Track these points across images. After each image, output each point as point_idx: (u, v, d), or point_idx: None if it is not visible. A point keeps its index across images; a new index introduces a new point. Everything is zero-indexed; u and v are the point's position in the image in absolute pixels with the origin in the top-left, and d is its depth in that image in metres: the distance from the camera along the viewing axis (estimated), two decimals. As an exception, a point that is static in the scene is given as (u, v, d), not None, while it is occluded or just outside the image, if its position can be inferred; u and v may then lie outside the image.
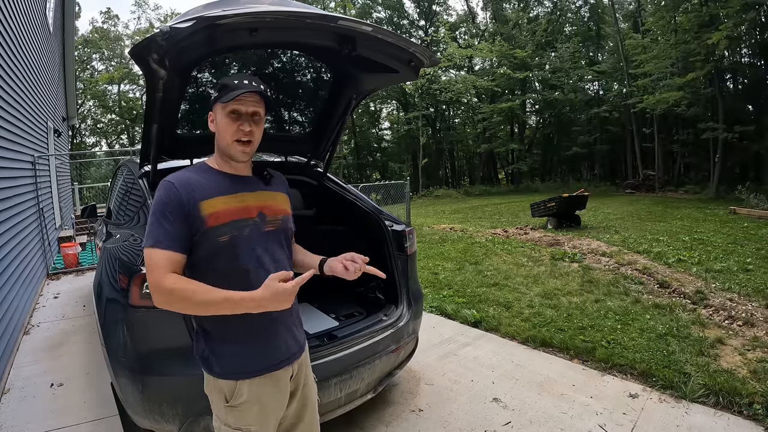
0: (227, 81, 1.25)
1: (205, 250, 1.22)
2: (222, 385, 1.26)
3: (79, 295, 5.12)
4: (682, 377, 2.71)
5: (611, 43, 25.71)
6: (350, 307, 2.71)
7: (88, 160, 23.88)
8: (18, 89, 5.00)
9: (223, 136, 1.26)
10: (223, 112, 1.24)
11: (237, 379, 1.25)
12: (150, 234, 1.18)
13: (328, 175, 2.93)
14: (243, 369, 1.25)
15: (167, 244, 1.16)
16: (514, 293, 4.63)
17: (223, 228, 1.22)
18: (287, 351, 1.33)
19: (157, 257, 1.15)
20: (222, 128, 1.26)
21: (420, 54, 1.86)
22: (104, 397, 2.65)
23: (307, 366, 1.46)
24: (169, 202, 1.19)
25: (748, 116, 17.82)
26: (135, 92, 31.41)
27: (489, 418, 2.45)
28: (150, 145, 1.96)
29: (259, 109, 1.26)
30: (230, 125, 1.24)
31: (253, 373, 1.25)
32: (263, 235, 1.29)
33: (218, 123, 1.27)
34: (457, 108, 30.36)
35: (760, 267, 5.23)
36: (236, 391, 1.25)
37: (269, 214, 1.32)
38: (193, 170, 1.30)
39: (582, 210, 9.50)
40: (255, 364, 1.26)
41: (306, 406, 1.43)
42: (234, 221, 1.24)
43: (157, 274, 1.13)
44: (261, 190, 1.35)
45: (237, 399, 1.25)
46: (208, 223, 1.20)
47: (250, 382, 1.25)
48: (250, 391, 1.25)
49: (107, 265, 2.19)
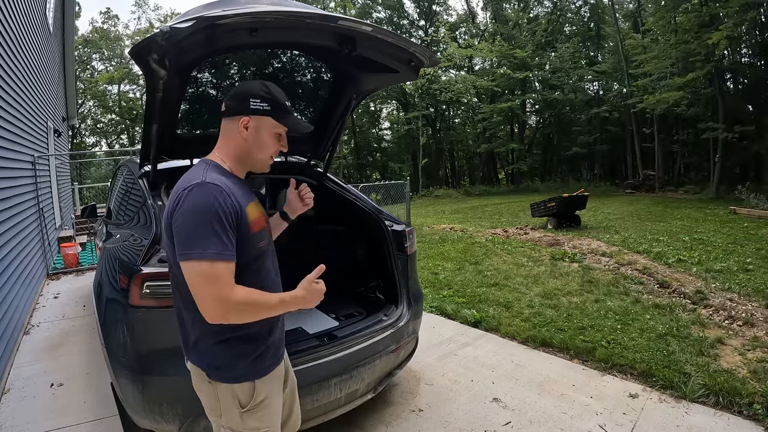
0: (280, 98, 1.25)
1: (246, 256, 1.19)
2: (237, 391, 1.22)
3: (79, 295, 5.12)
4: (682, 377, 2.71)
5: (611, 43, 25.68)
6: (350, 307, 2.71)
7: (88, 160, 23.88)
8: (18, 89, 5.00)
9: (264, 150, 1.27)
10: (271, 130, 1.25)
11: (254, 380, 1.24)
12: (206, 242, 1.08)
13: (328, 175, 2.93)
14: (259, 369, 1.25)
15: (229, 254, 1.11)
16: (514, 293, 4.63)
17: (260, 234, 1.26)
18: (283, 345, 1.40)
19: (220, 269, 1.08)
20: (267, 144, 1.27)
21: (420, 54, 1.86)
22: (104, 397, 2.65)
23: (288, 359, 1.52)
24: (225, 207, 1.12)
25: (748, 116, 17.81)
26: (135, 92, 31.40)
27: (489, 418, 2.45)
28: (150, 145, 1.96)
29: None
30: (275, 144, 1.28)
31: (267, 370, 1.28)
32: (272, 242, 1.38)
33: (261, 136, 1.25)
34: (457, 108, 30.35)
35: (760, 267, 5.23)
36: (256, 391, 1.23)
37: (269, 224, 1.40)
38: (220, 172, 1.22)
39: (582, 210, 9.50)
40: (268, 360, 1.28)
41: (294, 397, 1.49)
42: (263, 229, 1.29)
43: (225, 288, 1.08)
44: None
45: (257, 398, 1.24)
46: (252, 228, 1.21)
47: (265, 380, 1.27)
48: (268, 389, 1.27)
49: (107, 265, 2.19)
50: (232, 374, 1.22)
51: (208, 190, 1.12)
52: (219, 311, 1.09)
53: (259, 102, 1.23)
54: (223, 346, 1.21)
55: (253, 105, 1.22)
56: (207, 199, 1.11)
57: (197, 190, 1.12)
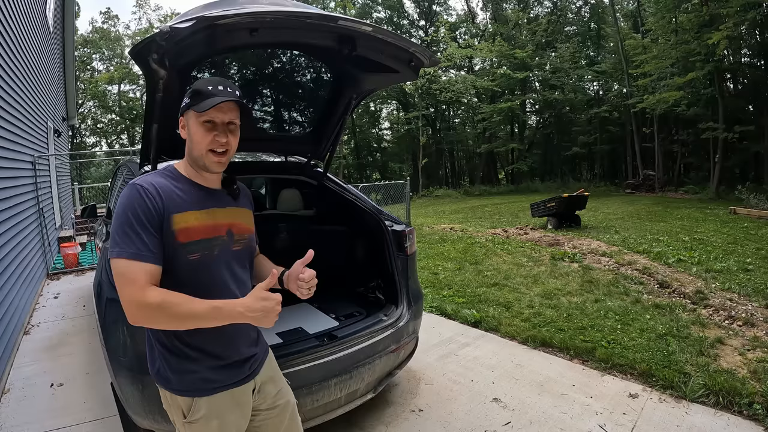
0: (200, 87, 1.16)
1: (174, 265, 1.14)
2: (179, 402, 1.20)
3: (79, 295, 5.12)
4: (682, 377, 2.71)
5: (611, 43, 25.69)
6: (350, 307, 2.70)
7: (88, 160, 23.86)
8: (18, 89, 5.00)
9: (197, 146, 1.18)
10: (197, 121, 1.16)
11: (193, 396, 1.19)
12: (123, 242, 1.07)
13: (328, 175, 2.93)
14: (201, 386, 1.19)
15: (147, 255, 1.07)
16: (514, 293, 4.63)
17: (194, 246, 1.15)
18: (248, 367, 1.28)
19: (135, 270, 1.05)
20: (196, 138, 1.17)
21: (420, 54, 1.86)
22: (104, 397, 2.65)
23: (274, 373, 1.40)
24: (146, 208, 1.10)
25: (748, 116, 17.81)
26: (135, 92, 31.42)
27: (489, 418, 2.45)
28: (150, 145, 1.96)
29: (234, 119, 1.19)
30: (205, 135, 1.16)
31: (211, 390, 1.20)
32: (230, 254, 1.24)
33: (191, 132, 1.19)
34: (457, 108, 30.37)
35: (760, 267, 5.24)
36: (193, 407, 1.20)
37: (236, 233, 1.26)
38: (163, 175, 1.20)
39: (582, 210, 9.50)
40: (213, 381, 1.20)
41: (285, 411, 1.38)
42: (204, 239, 1.17)
43: (137, 289, 1.04)
44: (230, 207, 1.29)
45: (194, 415, 1.20)
46: (179, 238, 1.13)
47: (208, 399, 1.20)
48: (209, 407, 1.20)
49: (107, 265, 2.19)
50: (170, 385, 1.20)
51: (131, 191, 1.12)
52: (133, 313, 1.06)
53: (185, 99, 1.20)
54: (167, 354, 1.19)
55: (183, 105, 1.21)
56: (129, 199, 1.11)
57: (125, 191, 1.14)
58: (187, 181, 1.22)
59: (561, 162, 28.77)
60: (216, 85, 1.16)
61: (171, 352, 1.19)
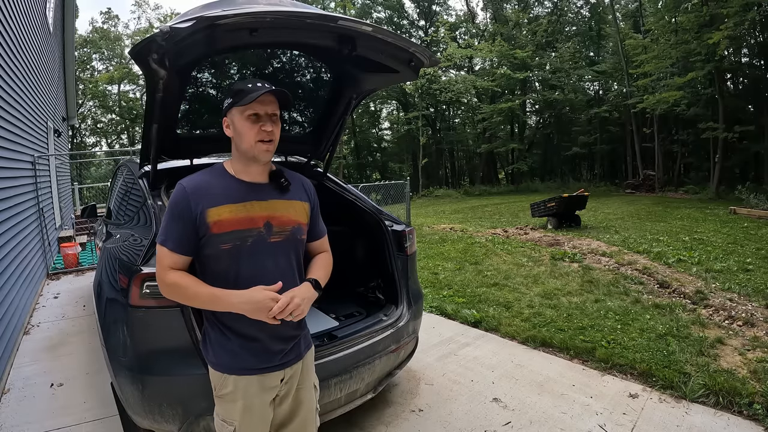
0: (241, 86, 1.27)
1: (209, 252, 1.29)
2: (213, 375, 1.34)
3: (79, 295, 5.12)
4: (682, 377, 2.71)
5: (611, 43, 25.69)
6: (350, 307, 2.70)
7: (88, 160, 23.88)
8: (18, 89, 5.00)
9: (245, 139, 1.27)
10: (242, 116, 1.26)
11: (223, 372, 1.31)
12: (162, 231, 1.28)
13: (328, 175, 2.93)
14: (230, 363, 1.31)
15: (172, 245, 1.26)
16: (514, 293, 4.63)
17: (226, 236, 1.26)
18: (279, 357, 1.35)
19: (163, 254, 1.26)
20: (243, 131, 1.27)
21: (420, 54, 1.86)
22: (104, 397, 2.65)
23: (307, 370, 1.46)
24: (178, 205, 1.26)
25: (748, 116, 17.82)
26: (135, 92, 31.42)
27: (489, 418, 2.45)
28: (150, 145, 1.96)
29: (275, 110, 1.29)
30: (252, 128, 1.26)
31: (239, 370, 1.31)
32: (268, 246, 1.31)
33: (238, 127, 1.28)
34: (457, 108, 30.37)
35: (760, 267, 5.24)
36: (222, 381, 1.32)
37: (276, 225, 1.33)
38: (210, 173, 1.34)
39: (582, 210, 9.50)
40: (243, 361, 1.31)
41: (300, 406, 1.44)
42: (236, 231, 1.27)
43: (160, 269, 1.27)
44: (274, 199, 1.35)
45: (222, 390, 1.32)
46: (213, 230, 1.26)
47: (236, 378, 1.30)
48: (236, 386, 1.30)
49: (107, 265, 2.19)
50: (208, 356, 1.35)
51: (175, 189, 1.29)
52: (160, 288, 1.28)
53: (226, 101, 1.32)
54: (210, 328, 1.34)
55: (224, 106, 1.32)
56: (173, 196, 1.29)
57: (175, 189, 1.30)
58: (230, 177, 1.33)
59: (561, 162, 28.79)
60: (254, 82, 1.27)
61: (212, 326, 1.34)
